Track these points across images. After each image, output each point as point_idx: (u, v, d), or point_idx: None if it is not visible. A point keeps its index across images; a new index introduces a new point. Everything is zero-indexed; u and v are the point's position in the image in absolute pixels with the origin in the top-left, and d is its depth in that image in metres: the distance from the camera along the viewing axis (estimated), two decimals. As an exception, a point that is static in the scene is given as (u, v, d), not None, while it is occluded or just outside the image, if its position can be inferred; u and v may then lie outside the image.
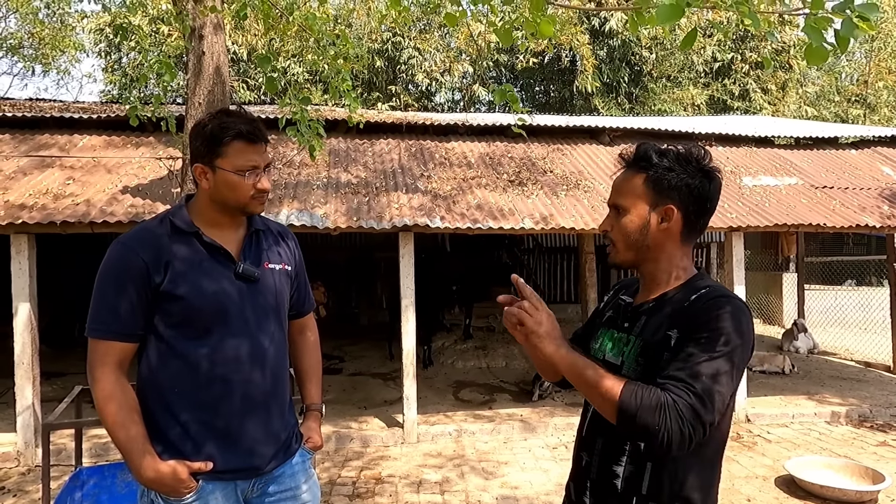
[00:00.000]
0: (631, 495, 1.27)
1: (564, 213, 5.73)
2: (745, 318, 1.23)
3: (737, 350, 1.19)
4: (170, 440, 1.54)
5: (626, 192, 1.34)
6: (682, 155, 1.31)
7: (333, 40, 4.84)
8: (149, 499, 1.56)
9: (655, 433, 1.11)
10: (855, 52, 19.75)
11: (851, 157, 8.12)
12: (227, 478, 1.58)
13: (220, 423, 1.56)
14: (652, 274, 1.36)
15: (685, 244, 1.35)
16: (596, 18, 15.37)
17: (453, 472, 4.67)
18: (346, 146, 7.28)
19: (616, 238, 1.35)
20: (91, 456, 4.86)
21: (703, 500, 1.28)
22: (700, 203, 1.31)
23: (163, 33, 12.17)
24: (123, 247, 1.55)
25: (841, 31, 1.68)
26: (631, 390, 1.15)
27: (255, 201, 1.61)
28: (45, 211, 4.94)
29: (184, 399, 1.54)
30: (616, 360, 1.34)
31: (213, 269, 1.58)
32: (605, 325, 1.45)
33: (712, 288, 1.29)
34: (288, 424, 1.71)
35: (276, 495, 1.66)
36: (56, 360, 7.66)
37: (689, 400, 1.12)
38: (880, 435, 5.48)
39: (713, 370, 1.15)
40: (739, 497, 4.13)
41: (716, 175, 1.32)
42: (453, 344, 8.63)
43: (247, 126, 1.57)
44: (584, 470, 1.37)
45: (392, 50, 15.46)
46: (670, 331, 1.25)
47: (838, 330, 9.64)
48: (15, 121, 6.93)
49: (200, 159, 1.59)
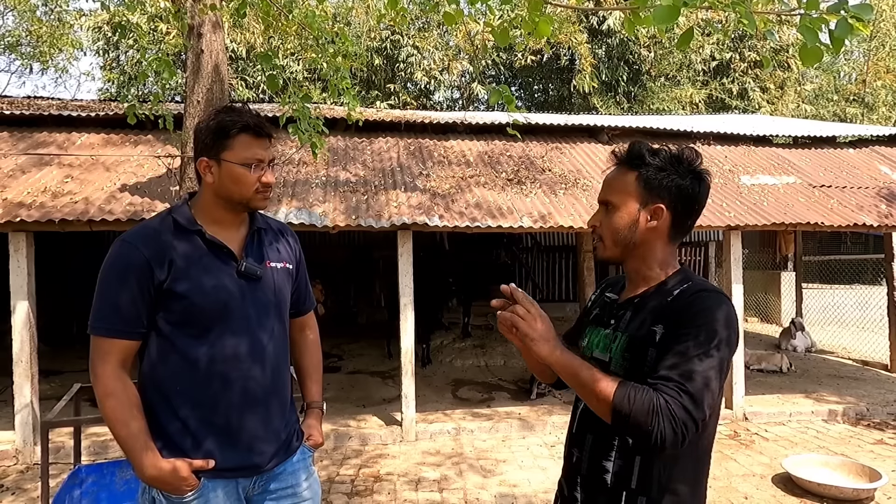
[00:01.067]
0: (620, 490, 1.29)
1: (563, 212, 5.74)
2: (729, 311, 1.25)
3: (723, 345, 1.21)
4: (170, 437, 1.54)
5: (616, 189, 1.35)
6: (674, 156, 1.33)
7: (332, 38, 4.84)
8: (150, 496, 1.56)
9: (648, 433, 1.13)
10: (853, 51, 19.78)
11: (849, 156, 8.13)
12: (229, 475, 1.58)
13: (220, 421, 1.57)
14: (637, 270, 1.39)
15: (671, 243, 1.37)
16: (594, 17, 15.37)
17: (452, 470, 4.68)
18: (344, 145, 7.28)
19: (604, 234, 1.37)
20: (90, 454, 4.86)
21: (692, 493, 1.30)
22: (689, 204, 1.33)
23: (161, 31, 12.14)
24: (126, 244, 1.54)
25: (836, 32, 1.69)
26: (624, 392, 1.16)
27: (260, 196, 1.61)
28: (44, 209, 4.94)
29: (184, 396, 1.55)
30: (604, 357, 1.36)
31: (216, 267, 1.58)
32: (593, 322, 1.47)
33: (695, 282, 1.32)
34: (289, 422, 1.72)
35: (276, 493, 1.67)
36: (54, 359, 7.66)
37: (680, 400, 1.14)
38: (877, 433, 5.50)
39: (703, 368, 1.17)
40: (737, 495, 4.15)
41: (706, 177, 1.35)
42: (452, 342, 8.65)
43: (253, 120, 1.59)
44: (574, 466, 1.39)
45: (391, 48, 15.45)
46: (655, 326, 1.27)
47: (836, 329, 9.67)
48: (13, 119, 6.92)
49: (206, 153, 1.59)
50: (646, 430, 1.13)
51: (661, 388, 1.16)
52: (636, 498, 1.27)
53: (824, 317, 10.26)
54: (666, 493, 1.27)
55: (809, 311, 10.40)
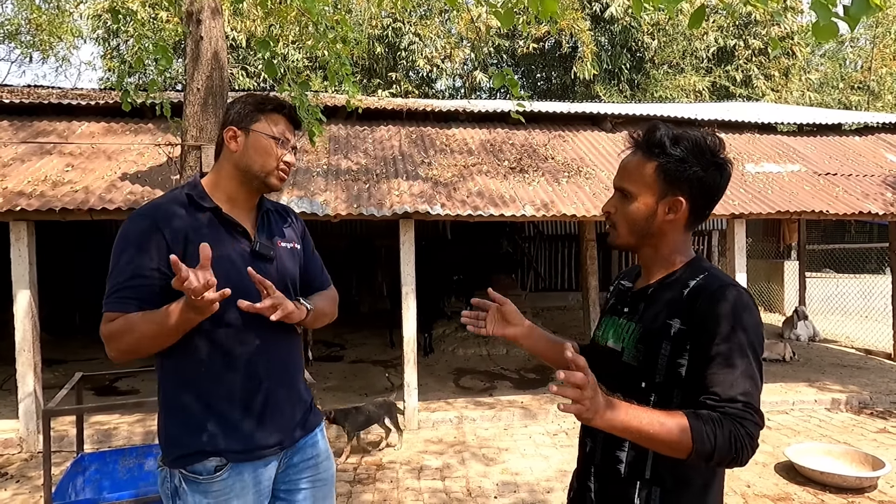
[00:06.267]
0: (634, 480, 1.27)
1: (566, 201, 5.70)
2: (752, 301, 1.23)
3: (759, 342, 1.20)
4: (199, 424, 1.52)
5: (634, 178, 1.30)
6: (696, 145, 1.26)
7: (333, 25, 4.78)
8: (172, 485, 1.54)
9: (734, 459, 1.12)
10: (859, 38, 19.59)
11: (855, 143, 8.07)
12: (259, 456, 1.57)
13: (247, 401, 1.56)
14: (651, 258, 1.36)
15: (687, 232, 1.34)
16: (597, 4, 15.23)
17: (454, 458, 4.69)
18: (346, 133, 7.24)
19: (619, 221, 1.33)
20: (93, 442, 4.88)
21: (707, 485, 1.28)
22: (709, 196, 1.29)
23: (161, 19, 12.05)
24: (143, 218, 1.51)
25: (852, 10, 1.65)
26: (701, 432, 1.10)
27: (278, 174, 1.62)
28: (44, 198, 4.92)
29: (209, 381, 1.53)
30: (617, 347, 1.34)
31: (230, 245, 1.57)
32: (608, 311, 1.46)
33: (711, 275, 1.27)
34: (307, 396, 1.74)
35: (299, 465, 1.69)
36: (57, 348, 7.69)
37: (750, 416, 1.13)
38: (880, 422, 5.49)
39: (753, 376, 1.16)
40: (739, 483, 4.15)
41: (728, 167, 1.29)
42: (454, 332, 8.64)
43: (289, 105, 1.67)
44: (588, 455, 1.38)
45: (392, 36, 15.33)
46: (670, 319, 1.24)
47: (839, 318, 9.64)
48: (13, 107, 6.88)
49: (236, 123, 1.61)
50: (730, 458, 1.12)
51: (729, 410, 1.13)
52: (650, 488, 1.25)
53: (828, 306, 10.23)
54: (680, 483, 1.25)
55: (813, 300, 10.38)
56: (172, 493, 1.54)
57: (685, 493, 1.25)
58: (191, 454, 1.52)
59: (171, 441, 1.55)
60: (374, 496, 3.99)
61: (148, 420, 5.29)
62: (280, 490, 1.67)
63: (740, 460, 1.12)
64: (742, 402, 1.13)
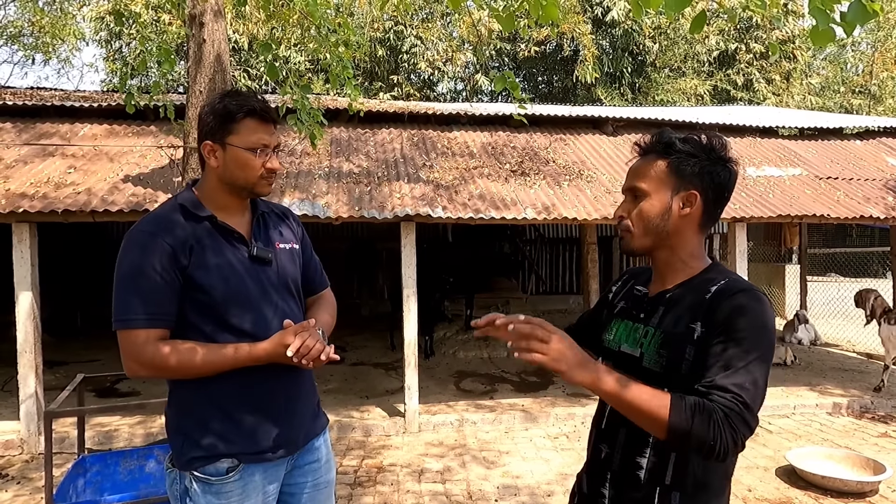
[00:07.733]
0: (654, 486, 1.26)
1: (567, 204, 5.70)
2: (771, 312, 1.23)
3: (769, 348, 1.19)
4: (213, 429, 1.53)
5: (647, 176, 1.31)
6: (705, 143, 1.31)
7: (335, 28, 4.80)
8: (182, 486, 1.54)
9: (711, 447, 1.10)
10: (860, 42, 19.59)
11: (856, 147, 8.06)
12: (271, 458, 1.58)
13: (260, 404, 1.57)
14: (667, 261, 1.35)
15: (701, 232, 1.34)
16: (599, 7, 15.24)
17: (455, 461, 4.69)
18: (347, 136, 7.25)
19: (633, 223, 1.32)
20: (94, 444, 4.88)
21: (721, 486, 1.28)
22: (720, 191, 1.31)
23: (164, 22, 12.09)
24: (145, 233, 1.51)
25: (848, 16, 1.66)
26: (680, 408, 1.11)
27: (264, 182, 1.60)
28: (47, 200, 4.93)
29: (221, 386, 1.53)
30: (634, 352, 1.32)
31: (229, 252, 1.58)
32: (619, 315, 1.43)
33: (732, 279, 1.28)
34: (315, 400, 1.76)
35: (304, 466, 1.70)
36: (59, 350, 7.68)
37: (738, 409, 1.11)
38: (881, 426, 5.48)
39: (755, 376, 1.15)
40: (740, 487, 4.14)
41: (734, 165, 1.33)
42: (455, 334, 8.64)
43: (259, 104, 1.57)
44: (603, 461, 1.35)
45: (394, 39, 15.36)
46: (693, 324, 1.24)
47: (841, 322, 9.62)
48: (16, 109, 6.90)
49: (211, 136, 1.57)
50: (709, 444, 1.10)
51: (717, 398, 1.12)
52: (669, 493, 1.25)
53: (829, 310, 10.21)
54: (699, 487, 1.25)
55: (814, 304, 10.36)
56: (182, 494, 1.55)
57: (703, 497, 1.25)
58: (204, 456, 1.52)
59: (183, 443, 1.55)
60: (375, 499, 3.99)
61: (149, 422, 5.30)
62: (283, 492, 1.68)
63: (717, 451, 1.09)
64: (733, 392, 1.12)
